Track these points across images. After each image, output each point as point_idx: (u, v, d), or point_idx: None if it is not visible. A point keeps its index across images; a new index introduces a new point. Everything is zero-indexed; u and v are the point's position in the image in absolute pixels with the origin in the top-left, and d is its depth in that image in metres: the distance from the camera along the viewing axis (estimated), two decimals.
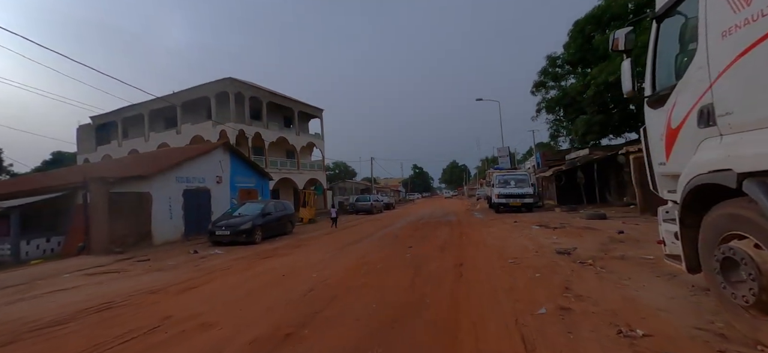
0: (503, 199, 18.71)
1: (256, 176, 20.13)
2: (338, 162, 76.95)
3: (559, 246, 7.38)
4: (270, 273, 7.07)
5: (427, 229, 14.00)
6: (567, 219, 13.44)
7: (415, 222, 17.96)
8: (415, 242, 10.18)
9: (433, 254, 7.94)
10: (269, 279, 6.54)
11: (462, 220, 17.29)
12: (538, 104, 27.86)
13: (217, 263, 8.88)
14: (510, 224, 12.95)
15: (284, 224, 15.36)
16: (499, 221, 15.05)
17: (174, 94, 24.89)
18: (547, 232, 9.88)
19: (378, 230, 14.98)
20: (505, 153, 32.61)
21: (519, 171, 21.75)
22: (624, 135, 26.69)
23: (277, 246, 11.64)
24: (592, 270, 5.36)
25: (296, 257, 9.01)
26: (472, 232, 11.83)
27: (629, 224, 10.74)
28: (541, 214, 16.82)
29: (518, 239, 9.16)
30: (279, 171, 27.22)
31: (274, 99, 27.24)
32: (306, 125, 33.90)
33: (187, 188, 14.90)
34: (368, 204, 30.40)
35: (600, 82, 20.76)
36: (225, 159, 17.38)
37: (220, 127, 23.52)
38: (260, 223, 13.30)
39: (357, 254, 8.77)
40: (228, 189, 17.49)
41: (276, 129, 27.52)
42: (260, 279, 6.54)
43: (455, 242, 9.78)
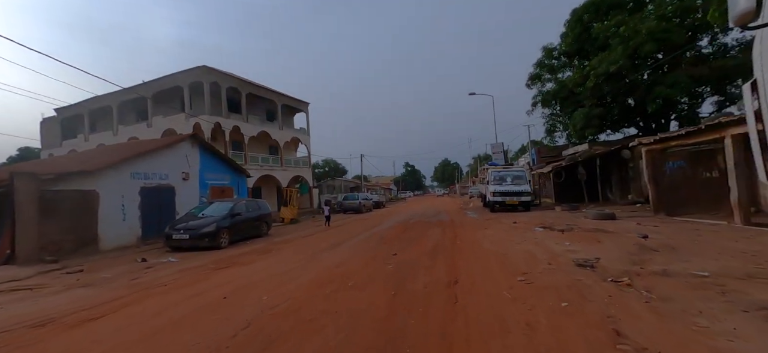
0: (499, 197, 17.36)
1: (231, 173, 18.43)
2: (328, 159, 75.20)
3: (576, 256, 5.97)
4: (213, 292, 5.52)
5: (416, 230, 12.55)
6: (572, 220, 12.10)
7: (404, 222, 16.51)
8: (401, 247, 8.70)
9: (422, 264, 6.47)
10: (205, 302, 4.98)
11: (455, 220, 15.88)
12: (533, 98, 26.63)
13: (161, 276, 7.28)
14: (509, 226, 11.56)
15: (258, 225, 13.75)
16: (496, 221, 13.67)
17: (144, 84, 22.95)
18: (555, 236, 8.48)
19: (363, 231, 13.48)
20: (498, 150, 31.35)
21: (516, 168, 20.47)
22: (622, 130, 25.69)
23: (244, 252, 10.07)
24: (635, 294, 3.93)
25: (258, 267, 7.45)
26: (467, 234, 10.39)
27: (646, 225, 9.42)
28: (540, 214, 15.50)
29: (522, 244, 7.73)
30: (260, 168, 25.49)
31: (254, 91, 25.46)
32: (290, 120, 32.14)
33: (146, 186, 13.17)
34: (356, 203, 28.92)
35: (600, 73, 19.56)
36: (193, 153, 15.65)
37: (194, 119, 21.70)
38: (227, 225, 11.68)
39: (331, 263, 7.26)
40: (197, 187, 15.78)
41: (257, 123, 25.75)
42: (194, 303, 4.98)
43: (448, 247, 8.32)
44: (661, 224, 9.32)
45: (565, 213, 14.49)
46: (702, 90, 22.07)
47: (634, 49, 18.36)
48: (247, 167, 23.82)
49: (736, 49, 20.55)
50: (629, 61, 18.73)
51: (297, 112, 32.48)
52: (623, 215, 11.86)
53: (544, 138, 27.77)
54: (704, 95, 22.65)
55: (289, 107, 30.37)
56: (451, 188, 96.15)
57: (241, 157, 24.06)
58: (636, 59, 19.24)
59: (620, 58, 18.43)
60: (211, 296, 5.31)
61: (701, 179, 11.08)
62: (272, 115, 28.60)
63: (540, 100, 26.16)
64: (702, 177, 11.06)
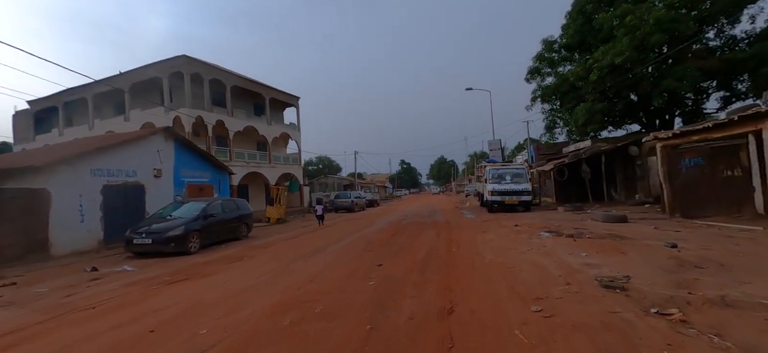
0: (497, 196, 16.29)
1: (211, 170, 17.17)
2: (322, 156, 73.89)
3: (599, 272, 4.88)
4: (145, 319, 4.35)
5: (408, 233, 11.44)
6: (579, 223, 11.04)
7: (396, 223, 15.39)
8: (388, 255, 7.57)
9: (410, 281, 5.34)
10: (125, 337, 3.82)
11: (450, 221, 14.79)
12: (533, 92, 25.55)
13: (101, 292, 6.10)
14: (510, 229, 10.46)
15: (236, 227, 12.57)
16: (495, 223, 12.58)
17: (121, 74, 21.56)
18: (566, 243, 7.38)
19: (351, 234, 12.35)
20: (496, 146, 30.31)
21: (515, 165, 19.34)
22: (625, 127, 24.71)
23: (212, 259, 8.90)
24: (700, 340, 2.82)
25: (218, 281, 6.28)
26: (464, 240, 9.28)
27: (664, 229, 8.37)
28: (542, 214, 14.44)
29: (529, 253, 6.63)
30: (247, 164, 24.22)
31: (240, 83, 24.14)
32: (280, 115, 30.85)
33: (110, 184, 11.91)
34: (349, 202, 27.78)
35: (604, 66, 18.50)
36: (167, 148, 14.38)
37: (174, 113, 20.39)
38: (198, 227, 10.49)
39: (304, 276, 6.11)
40: (171, 185, 14.52)
41: (243, 117, 24.45)
42: (109, 339, 3.81)
43: (442, 256, 7.20)
44: (683, 229, 8.27)
45: (569, 215, 13.45)
46: (707, 85, 21.17)
47: (641, 40, 17.33)
48: (233, 164, 22.57)
49: (745, 42, 19.65)
50: (635, 52, 17.70)
51: (287, 107, 31.19)
52: (634, 217, 10.82)
53: (543, 135, 26.76)
54: (709, 91, 21.76)
55: (278, 102, 29.08)
56: (447, 186, 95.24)
57: (226, 153, 22.78)
58: (642, 51, 18.21)
59: (626, 49, 17.39)
60: (139, 326, 4.14)
61: (721, 178, 10.06)
62: (260, 109, 27.32)
63: (539, 95, 25.10)
64: (722, 176, 10.03)
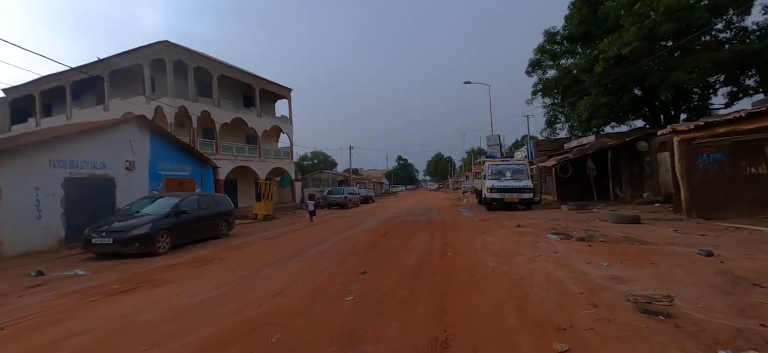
0: (497, 194, 15.34)
1: (192, 163, 16.10)
2: (317, 152, 72.76)
3: (628, 288, 3.92)
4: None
5: (400, 233, 10.47)
6: (586, 223, 10.12)
7: (389, 221, 14.43)
8: (375, 261, 6.59)
9: (395, 298, 4.36)
10: None
11: (446, 220, 13.84)
12: (534, 86, 24.57)
13: (30, 304, 5.13)
14: (512, 230, 9.51)
15: (214, 225, 11.55)
16: (495, 222, 11.64)
17: (100, 61, 20.33)
18: (579, 248, 6.42)
19: (339, 233, 11.38)
20: (495, 142, 29.36)
21: (515, 160, 18.36)
22: (628, 122, 23.81)
23: (178, 262, 7.90)
24: None
25: (169, 292, 5.28)
26: (461, 243, 8.32)
27: (684, 231, 7.44)
28: (544, 213, 13.52)
29: (538, 261, 5.66)
30: (234, 158, 23.12)
31: (227, 72, 22.96)
32: (271, 107, 29.71)
33: (74, 176, 10.83)
34: (342, 198, 26.81)
35: (610, 57, 17.55)
36: (141, 139, 13.29)
37: (156, 103, 19.24)
38: (168, 225, 9.47)
39: (270, 289, 5.13)
40: (145, 178, 13.45)
41: (231, 109, 23.29)
42: None
43: (436, 263, 6.23)
44: (708, 232, 7.34)
45: (574, 214, 12.53)
46: (714, 80, 20.31)
47: (650, 30, 16.38)
48: (219, 158, 21.49)
49: (757, 34, 18.76)
50: (644, 43, 16.75)
51: (279, 99, 30.05)
52: (646, 218, 9.90)
53: (543, 130, 25.79)
54: (716, 86, 20.90)
55: (269, 93, 27.92)
56: (444, 182, 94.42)
57: (213, 146, 21.69)
58: (651, 41, 17.26)
59: (634, 39, 16.43)
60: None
61: (744, 176, 9.15)
62: (250, 101, 26.17)
63: (541, 88, 24.13)
64: (745, 173, 9.13)
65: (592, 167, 14.19)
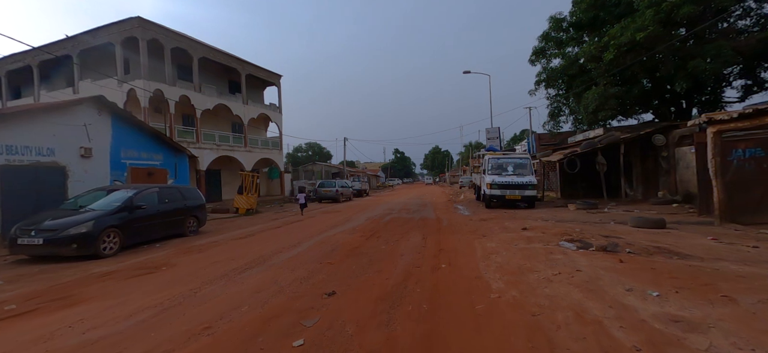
0: (497, 190, 14.03)
1: (164, 151, 14.65)
2: (312, 143, 71.17)
3: (707, 341, 2.62)
4: None
5: (389, 234, 9.16)
6: (601, 226, 8.84)
7: (379, 218, 13.13)
8: (350, 275, 5.28)
9: (364, 343, 3.04)
10: None
11: (442, 218, 12.53)
12: (538, 75, 23.18)
13: None
14: (517, 233, 8.21)
15: (179, 221, 10.20)
16: (497, 223, 10.34)
17: (68, 39, 18.70)
18: (607, 264, 5.11)
19: (319, 232, 10.05)
20: (494, 135, 28.03)
21: (518, 154, 16.95)
22: (637, 116, 22.52)
23: (118, 268, 6.58)
24: None
25: (67, 320, 3.95)
26: (457, 249, 7.02)
27: (731, 241, 6.16)
28: (550, 213, 12.24)
29: (557, 283, 4.35)
30: (217, 147, 21.64)
31: (210, 55, 21.37)
32: (259, 94, 28.15)
33: (11, 164, 9.40)
34: (334, 191, 25.47)
35: (622, 43, 16.17)
36: (100, 123, 11.83)
37: (129, 85, 17.69)
38: (117, 222, 8.11)
39: (201, 319, 3.79)
40: (106, 168, 12.03)
41: (213, 94, 21.74)
42: None
43: (425, 280, 4.92)
44: (759, 242, 6.06)
45: (584, 214, 11.25)
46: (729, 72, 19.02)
47: (668, 13, 14.99)
48: (200, 146, 20.06)
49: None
50: (661, 27, 15.37)
51: (268, 85, 28.50)
52: (670, 221, 8.62)
53: (546, 122, 24.46)
54: (731, 78, 19.62)
55: (256, 79, 26.36)
56: (441, 176, 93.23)
57: (193, 134, 20.21)
58: (668, 26, 15.90)
59: (649, 23, 15.04)
60: None
61: None
62: (236, 87, 24.60)
63: (545, 78, 22.74)
64: None
65: (603, 162, 12.90)
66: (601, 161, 12.94)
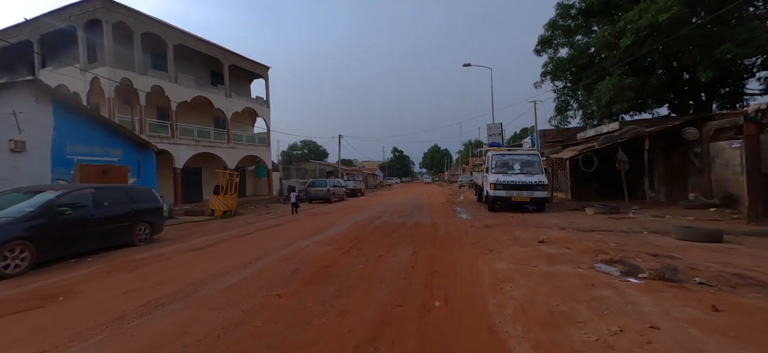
0: (502, 191, 12.31)
1: (126, 146, 12.92)
2: (308, 141, 69.42)
3: None
4: None
5: (373, 245, 7.44)
6: (636, 237, 7.13)
7: (367, 223, 11.42)
8: (297, 319, 3.56)
9: None
10: None
11: (438, 223, 10.82)
12: (544, 66, 21.44)
13: None
14: (533, 248, 6.49)
15: (124, 228, 8.48)
16: (504, 231, 8.63)
17: (26, 22, 16.92)
18: (687, 307, 3.41)
19: (291, 242, 8.35)
20: (496, 131, 26.30)
21: (526, 150, 15.07)
22: (650, 110, 20.75)
23: (4, 299, 4.83)
24: None
25: None
26: (457, 274, 5.31)
27: None
28: (565, 218, 10.53)
29: (626, 341, 2.63)
30: (196, 143, 19.89)
31: (187, 42, 19.58)
32: (245, 87, 26.37)
33: None
34: (324, 191, 23.77)
35: (641, 27, 14.44)
36: (36, 112, 10.09)
37: (93, 74, 15.93)
38: (25, 233, 6.39)
39: None
40: (47, 164, 10.29)
41: (191, 85, 19.95)
42: None
43: (407, 332, 3.21)
44: None
45: (606, 220, 9.54)
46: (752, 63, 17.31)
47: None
48: (176, 142, 18.34)
49: None
50: (686, 8, 13.66)
51: (255, 77, 26.73)
52: (723, 230, 6.90)
53: (552, 118, 22.75)
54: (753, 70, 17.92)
55: (242, 71, 24.58)
56: (440, 176, 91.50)
57: (168, 128, 18.46)
58: (695, 6, 14.18)
59: (673, 3, 13.33)
60: None
61: None
62: (219, 78, 22.81)
63: (552, 69, 21.01)
64: None
65: (624, 159, 11.19)
66: (622, 158, 11.23)
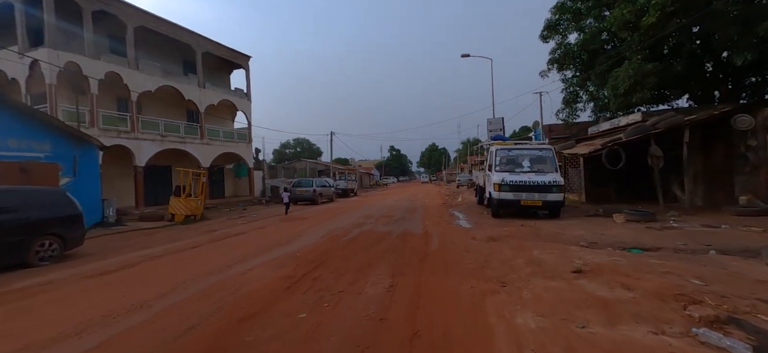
0: (509, 192, 10.19)
1: (56, 139, 10.77)
2: (301, 139, 67.18)
3: None
4: None
5: (334, 272, 5.32)
6: (702, 258, 5.06)
7: (343, 233, 9.31)
8: None
9: None
10: None
11: (431, 233, 8.71)
12: (551, 52, 19.37)
13: None
14: (569, 284, 4.40)
15: (19, 244, 6.40)
16: (516, 247, 6.53)
17: None
18: None
19: (239, 260, 6.25)
20: (497, 126, 24.24)
21: (536, 143, 12.77)
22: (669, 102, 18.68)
23: None
24: None
25: None
26: (453, 343, 3.19)
27: None
28: (590, 228, 8.44)
29: None
30: (162, 138, 17.72)
31: (151, 24, 17.36)
32: (224, 78, 24.19)
33: None
34: (310, 191, 21.65)
35: (668, 1, 12.38)
36: None
37: (30, 57, 13.73)
38: None
39: None
40: None
41: (156, 73, 17.74)
42: None
43: None
44: None
45: (642, 230, 7.46)
46: None
47: None
48: (137, 137, 16.21)
49: None
50: None
51: (235, 68, 24.55)
52: None
53: (560, 111, 20.71)
54: None
55: (220, 60, 22.40)
56: (438, 174, 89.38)
57: (127, 120, 16.28)
58: None
59: None
60: None
61: None
62: (193, 67, 20.60)
63: (560, 55, 18.95)
64: None
65: (659, 154, 9.11)
66: (655, 152, 9.15)
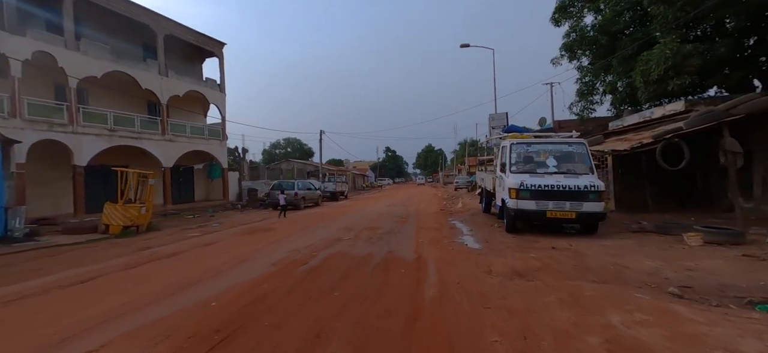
0: (531, 201, 7.65)
1: None
2: (291, 139, 64.41)
3: None
4: None
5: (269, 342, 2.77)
6: None
7: (308, 255, 6.70)
8: None
9: None
10: None
11: (426, 260, 6.14)
12: (565, 36, 16.96)
13: None
14: None
15: None
16: (565, 298, 4.01)
17: None
18: None
19: (144, 304, 3.57)
20: (501, 122, 21.79)
21: (563, 137, 10.06)
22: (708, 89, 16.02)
23: None
24: None
25: None
26: None
27: None
28: (653, 251, 5.93)
29: None
30: (111, 133, 15.04)
31: (101, 1, 14.74)
32: (195, 67, 21.51)
33: None
34: (291, 195, 19.00)
35: None
36: None
37: None
38: None
39: None
40: None
41: (104, 56, 15.06)
42: None
43: None
44: None
45: (737, 257, 4.99)
46: None
47: None
48: (78, 131, 13.58)
49: None
50: None
51: (208, 56, 21.91)
52: None
53: (573, 104, 18.33)
54: None
55: (189, 46, 19.75)
56: (434, 176, 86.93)
57: (63, 111, 13.60)
58: None
59: None
60: None
61: None
62: (151, 51, 17.93)
63: (575, 39, 16.53)
64: None
65: (738, 150, 6.60)
66: (732, 147, 6.65)
